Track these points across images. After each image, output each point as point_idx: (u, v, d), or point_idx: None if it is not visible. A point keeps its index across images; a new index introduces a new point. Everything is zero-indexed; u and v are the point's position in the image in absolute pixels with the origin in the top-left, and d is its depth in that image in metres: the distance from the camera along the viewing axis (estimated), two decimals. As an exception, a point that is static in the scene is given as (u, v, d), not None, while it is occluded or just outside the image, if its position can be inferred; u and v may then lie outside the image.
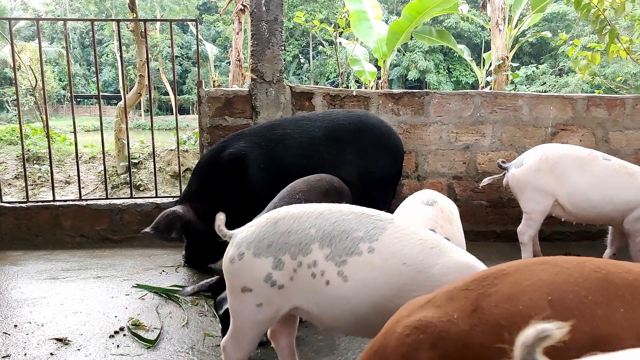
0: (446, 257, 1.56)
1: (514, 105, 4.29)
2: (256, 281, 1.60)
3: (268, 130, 3.21)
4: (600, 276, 1.13)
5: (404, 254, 1.55)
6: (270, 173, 3.06)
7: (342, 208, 1.69)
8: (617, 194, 3.24)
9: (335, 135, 3.16)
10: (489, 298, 1.13)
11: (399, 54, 26.01)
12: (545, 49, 27.53)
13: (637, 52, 7.49)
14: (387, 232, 1.59)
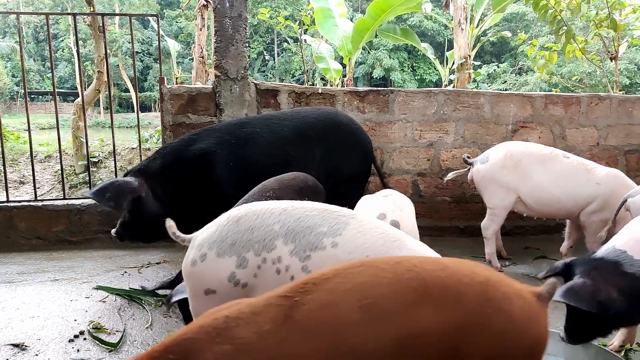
0: (407, 250, 1.60)
1: (476, 103, 4.38)
2: (220, 282, 1.57)
3: (238, 127, 3.16)
4: (412, 276, 1.15)
5: (367, 247, 1.57)
6: (238, 171, 3.02)
7: (306, 205, 1.69)
8: (576, 190, 3.39)
9: (304, 134, 3.14)
10: (303, 307, 1.10)
11: (364, 52, 26.23)
12: (506, 48, 28.29)
13: (591, 52, 7.79)
14: (350, 226, 1.61)
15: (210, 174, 3.01)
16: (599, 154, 4.55)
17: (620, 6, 7.02)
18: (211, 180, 3.01)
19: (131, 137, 10.25)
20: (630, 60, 22.16)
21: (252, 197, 2.40)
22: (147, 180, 3.02)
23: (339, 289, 1.13)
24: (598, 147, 4.60)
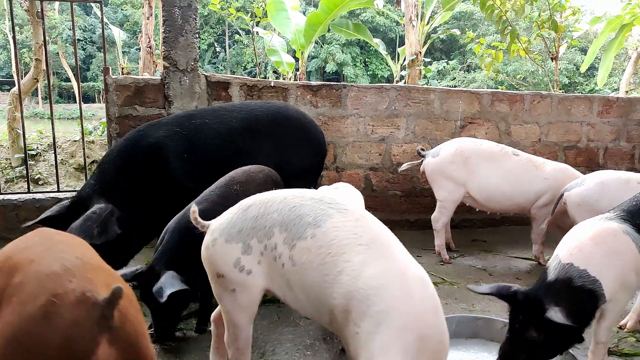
0: (366, 255, 1.56)
1: (427, 99, 4.46)
2: (227, 267, 1.66)
3: (186, 119, 3.08)
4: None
5: (333, 244, 1.55)
6: (191, 163, 2.96)
7: (305, 193, 1.71)
8: (526, 186, 3.54)
9: (252, 126, 3.11)
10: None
11: (317, 46, 26.20)
12: (455, 45, 29.07)
13: (534, 52, 8.11)
14: (332, 220, 1.59)
15: (165, 168, 2.92)
16: (541, 150, 4.75)
17: (561, 8, 7.34)
18: (166, 173, 2.93)
19: (73, 128, 9.79)
20: (569, 60, 23.33)
21: (219, 188, 2.42)
22: (107, 198, 2.86)
23: None
24: (540, 143, 4.80)
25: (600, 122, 4.97)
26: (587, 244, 1.98)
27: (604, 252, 1.96)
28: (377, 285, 1.45)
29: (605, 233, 2.02)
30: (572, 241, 2.03)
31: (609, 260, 1.94)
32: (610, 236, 2.01)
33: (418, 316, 1.43)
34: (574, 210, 3.23)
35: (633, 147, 5.12)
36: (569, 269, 1.91)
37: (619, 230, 2.03)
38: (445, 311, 2.74)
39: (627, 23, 11.21)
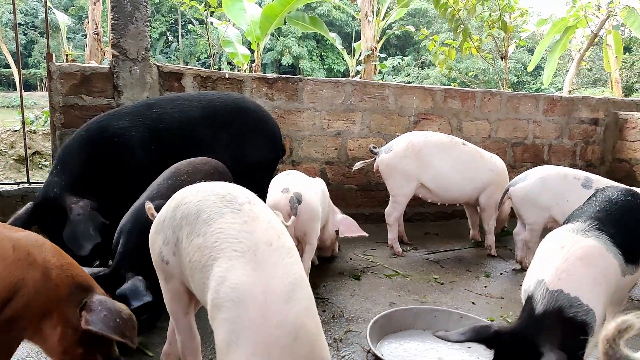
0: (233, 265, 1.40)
1: (382, 94, 4.51)
2: (155, 256, 1.68)
3: (146, 109, 2.99)
4: None
5: (213, 247, 1.44)
6: (157, 154, 2.89)
7: (215, 187, 1.63)
8: (474, 175, 3.70)
9: (212, 117, 3.07)
10: None
11: (273, 39, 25.96)
12: (410, 42, 29.54)
13: (485, 50, 8.35)
14: (220, 220, 1.49)
15: (133, 159, 2.84)
16: (490, 146, 4.90)
17: (510, 9, 7.60)
18: (134, 165, 2.84)
19: (13, 118, 9.28)
20: (518, 60, 24.24)
21: (166, 180, 2.38)
22: (77, 191, 2.71)
23: None
24: (490, 139, 4.95)
25: (545, 120, 5.18)
26: (577, 265, 1.72)
27: (594, 275, 1.72)
28: (234, 298, 1.30)
29: (593, 252, 1.78)
30: (557, 261, 1.74)
31: (599, 285, 1.71)
32: (599, 256, 1.78)
33: (272, 343, 1.25)
34: (519, 205, 3.38)
35: (575, 144, 5.37)
36: (559, 297, 1.64)
37: (602, 248, 1.80)
38: (398, 303, 2.82)
39: (571, 26, 11.75)
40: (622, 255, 1.82)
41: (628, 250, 1.86)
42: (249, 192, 1.65)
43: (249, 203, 1.55)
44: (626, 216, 2.01)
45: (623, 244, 1.85)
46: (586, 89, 22.02)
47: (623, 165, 5.22)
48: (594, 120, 5.39)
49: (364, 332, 2.38)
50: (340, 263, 3.53)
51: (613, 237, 1.84)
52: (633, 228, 1.98)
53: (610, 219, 1.94)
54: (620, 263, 1.81)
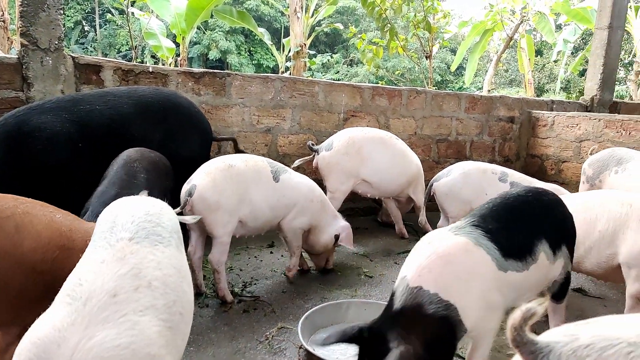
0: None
1: (311, 91, 4.51)
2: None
3: (73, 104, 2.80)
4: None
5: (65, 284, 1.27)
6: (86, 151, 2.73)
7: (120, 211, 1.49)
8: (406, 169, 3.88)
9: (144, 113, 2.95)
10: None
11: (199, 32, 25.23)
12: (339, 39, 29.85)
13: (411, 49, 8.60)
14: (88, 254, 1.35)
15: (57, 157, 2.64)
16: (416, 142, 5.07)
17: (434, 11, 7.88)
18: (60, 163, 2.64)
19: None
20: (442, 59, 25.26)
21: (122, 168, 2.38)
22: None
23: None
24: (416, 136, 5.11)
25: (467, 117, 5.43)
26: (437, 263, 1.70)
27: (456, 271, 1.70)
28: (29, 356, 1.09)
29: (455, 248, 1.75)
30: (420, 259, 1.73)
31: (463, 281, 1.69)
32: (461, 252, 1.75)
33: None
34: (442, 199, 3.53)
35: (494, 141, 5.67)
36: (418, 294, 1.63)
37: (470, 243, 1.77)
38: (330, 298, 2.83)
39: (489, 29, 12.43)
40: (500, 250, 1.78)
41: (509, 245, 1.82)
42: (150, 224, 1.44)
43: (128, 240, 1.35)
44: (514, 211, 1.96)
45: (502, 239, 1.81)
46: (503, 89, 23.42)
47: (535, 161, 5.58)
48: (511, 118, 5.72)
49: (296, 329, 2.37)
50: (272, 260, 3.49)
51: (490, 232, 1.81)
52: (519, 223, 1.94)
53: (493, 215, 1.90)
54: (496, 258, 1.77)
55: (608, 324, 0.89)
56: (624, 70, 20.83)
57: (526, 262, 1.87)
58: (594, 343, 0.85)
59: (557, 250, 2.02)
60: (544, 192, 2.14)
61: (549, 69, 24.28)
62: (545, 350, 0.87)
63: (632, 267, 2.27)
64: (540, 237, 1.94)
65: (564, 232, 2.10)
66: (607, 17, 6.03)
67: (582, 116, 5.05)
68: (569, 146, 5.15)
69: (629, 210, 2.29)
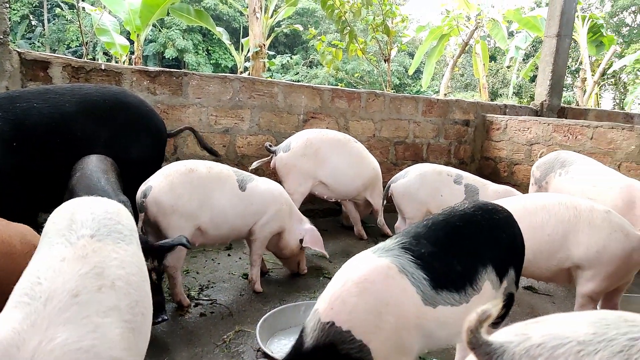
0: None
1: (271, 92, 4.48)
2: None
3: (8, 102, 2.65)
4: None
5: (20, 283, 1.21)
6: (21, 154, 2.58)
7: (77, 208, 1.44)
8: (363, 171, 3.91)
9: (89, 112, 2.81)
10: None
11: (155, 30, 24.62)
12: (298, 41, 29.86)
13: (370, 52, 8.68)
14: (45, 251, 1.27)
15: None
16: (375, 145, 5.12)
17: (392, 15, 8.00)
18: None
19: None
20: (400, 63, 25.69)
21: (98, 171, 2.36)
22: None
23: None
24: (374, 138, 5.16)
25: (424, 120, 5.53)
26: (351, 292, 1.45)
27: (371, 303, 1.43)
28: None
29: (374, 274, 1.49)
30: (335, 287, 1.51)
31: (376, 315, 1.42)
32: (380, 280, 1.48)
33: None
34: (399, 200, 3.58)
35: (450, 144, 5.80)
36: (331, 332, 1.41)
37: (393, 268, 1.50)
38: (288, 300, 2.82)
39: (445, 34, 12.74)
40: (431, 280, 1.52)
41: (445, 274, 1.57)
42: (111, 221, 1.38)
43: (90, 237, 1.28)
44: (457, 233, 1.69)
45: (435, 266, 1.55)
46: (459, 93, 24.06)
47: (489, 163, 5.75)
48: (466, 121, 5.87)
49: (254, 332, 2.34)
50: (229, 263, 3.44)
51: (421, 257, 1.55)
52: (461, 247, 1.67)
53: (430, 236, 1.64)
54: (422, 289, 1.50)
55: (558, 323, 0.92)
56: (571, 77, 21.82)
57: (466, 294, 1.59)
58: (545, 342, 0.87)
59: (505, 276, 1.76)
60: (494, 209, 1.87)
61: (502, 74, 25.13)
62: (500, 351, 0.89)
63: (587, 269, 2.32)
64: (486, 264, 1.67)
65: (513, 254, 1.85)
66: (556, 26, 6.29)
67: (533, 120, 5.24)
68: (521, 149, 5.33)
69: (577, 214, 2.35)
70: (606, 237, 2.28)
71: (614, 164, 4.36)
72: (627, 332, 0.84)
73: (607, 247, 2.28)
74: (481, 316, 0.89)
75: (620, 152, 4.35)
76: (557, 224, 2.32)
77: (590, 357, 0.83)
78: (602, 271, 2.30)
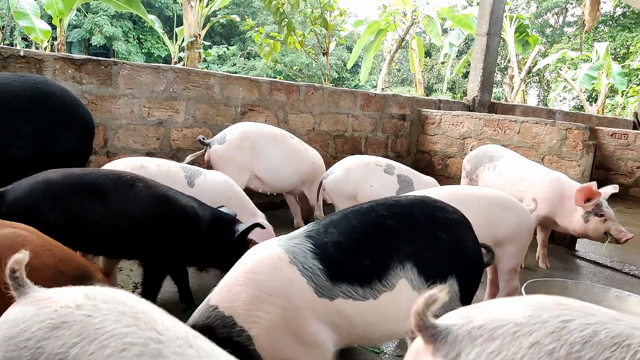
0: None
1: (207, 83, 4.34)
2: None
3: None
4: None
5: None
6: None
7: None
8: (301, 167, 3.87)
9: (7, 104, 2.58)
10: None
11: (80, 15, 23.24)
12: (235, 31, 29.29)
13: (309, 45, 8.65)
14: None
15: None
16: (314, 138, 5.11)
17: (330, 8, 8.00)
18: None
19: None
20: (338, 57, 25.87)
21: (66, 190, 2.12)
22: None
23: None
24: (314, 131, 5.15)
25: (362, 114, 5.59)
26: (238, 281, 1.47)
27: (252, 294, 1.44)
28: None
29: (263, 264, 1.48)
30: (229, 274, 1.53)
31: (261, 304, 1.42)
32: (268, 269, 1.47)
33: None
34: (331, 196, 3.58)
35: (387, 137, 5.90)
36: (212, 315, 1.45)
37: (284, 258, 1.48)
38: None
39: (382, 29, 12.95)
40: (328, 271, 1.47)
41: (347, 266, 1.50)
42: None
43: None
44: (376, 224, 1.58)
45: (336, 257, 1.49)
46: (396, 88, 24.63)
47: (425, 157, 5.91)
48: (402, 116, 5.99)
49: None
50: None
51: (321, 247, 1.50)
52: (375, 239, 1.56)
53: (342, 225, 1.57)
54: (315, 280, 1.46)
55: (498, 307, 0.97)
56: (500, 74, 22.94)
57: (372, 289, 1.51)
58: (486, 324, 0.92)
59: (439, 281, 1.60)
60: (440, 208, 1.74)
61: (437, 70, 25.99)
62: (444, 333, 0.93)
63: (508, 247, 2.53)
64: (404, 260, 1.55)
65: (456, 261, 1.66)
66: (486, 25, 6.55)
67: (465, 115, 5.44)
68: (454, 143, 5.52)
69: (489, 201, 2.48)
70: (517, 216, 2.52)
71: (538, 157, 4.61)
72: (560, 315, 0.90)
73: (520, 225, 2.52)
74: (428, 300, 0.92)
75: (544, 145, 4.61)
76: (478, 214, 2.40)
77: (525, 337, 0.88)
78: (520, 245, 2.55)
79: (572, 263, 4.02)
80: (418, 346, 0.98)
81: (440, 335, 0.93)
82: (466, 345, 0.90)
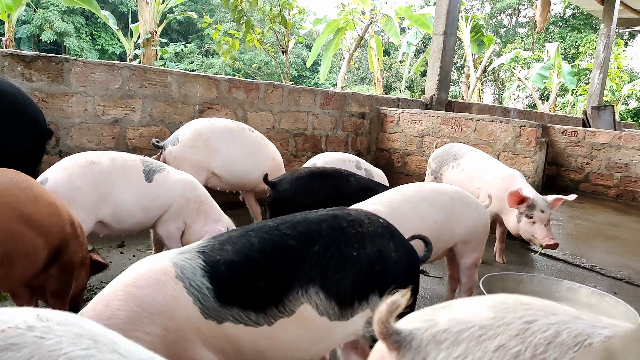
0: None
1: (164, 81, 4.25)
2: None
3: None
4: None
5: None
6: None
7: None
8: (261, 161, 3.76)
9: None
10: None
11: (29, 10, 22.31)
12: (193, 29, 28.79)
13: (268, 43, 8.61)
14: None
15: None
16: (275, 137, 5.09)
17: (289, 6, 7.99)
18: None
19: None
20: (298, 55, 25.84)
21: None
22: None
23: None
24: (274, 129, 5.14)
25: (322, 113, 5.61)
26: (117, 295, 1.32)
27: (132, 310, 1.29)
28: None
29: (143, 279, 1.33)
30: (108, 287, 1.38)
31: (136, 324, 1.28)
32: (147, 285, 1.32)
33: None
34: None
35: (347, 135, 5.96)
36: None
37: (170, 272, 1.34)
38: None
39: (341, 27, 13.03)
40: (216, 291, 1.33)
41: (237, 287, 1.36)
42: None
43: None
44: (273, 244, 1.44)
45: (228, 277, 1.35)
46: (355, 86, 24.83)
47: (384, 154, 6.00)
48: (362, 114, 6.06)
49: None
50: (122, 261, 3.23)
51: (213, 265, 1.36)
52: (276, 259, 1.42)
53: (240, 243, 1.43)
54: (202, 300, 1.32)
55: (463, 308, 0.97)
56: (457, 73, 23.52)
57: (267, 315, 1.37)
58: (451, 327, 0.92)
59: (358, 302, 1.49)
60: (349, 221, 1.57)
61: (395, 69, 26.35)
62: (409, 338, 0.92)
63: (469, 242, 2.58)
64: (306, 284, 1.41)
65: (377, 277, 1.53)
66: (443, 25, 6.71)
67: (423, 113, 5.55)
68: (413, 141, 5.62)
69: (450, 197, 2.54)
70: (475, 211, 2.58)
71: (494, 153, 4.76)
72: (523, 316, 0.91)
73: (479, 219, 2.59)
74: (391, 307, 0.91)
75: (499, 142, 4.77)
76: (439, 210, 2.47)
77: (490, 341, 0.88)
78: (480, 240, 2.61)
79: (527, 257, 4.18)
80: (382, 354, 0.97)
81: (404, 341, 0.92)
82: (431, 350, 0.90)
